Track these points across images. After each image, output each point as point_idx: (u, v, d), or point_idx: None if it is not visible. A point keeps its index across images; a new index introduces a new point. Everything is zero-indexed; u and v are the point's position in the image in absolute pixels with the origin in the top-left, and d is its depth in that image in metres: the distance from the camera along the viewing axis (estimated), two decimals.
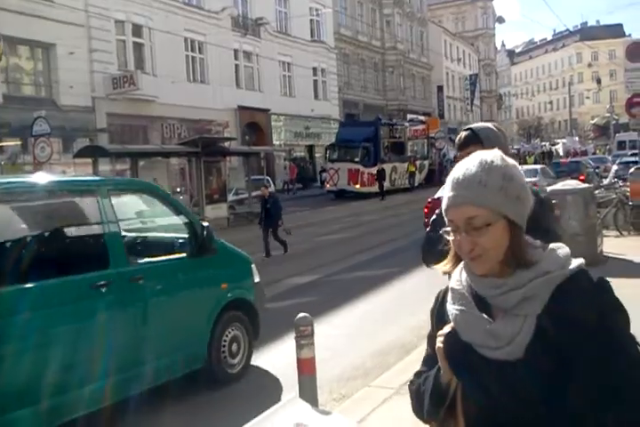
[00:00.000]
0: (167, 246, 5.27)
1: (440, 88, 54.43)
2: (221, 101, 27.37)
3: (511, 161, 1.32)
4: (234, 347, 5.38)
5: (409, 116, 42.67)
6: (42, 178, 4.57)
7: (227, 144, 20.89)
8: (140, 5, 23.65)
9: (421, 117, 43.05)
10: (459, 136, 2.47)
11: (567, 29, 70.65)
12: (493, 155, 1.30)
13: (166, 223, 5.55)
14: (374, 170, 26.35)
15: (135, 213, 5.63)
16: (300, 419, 1.48)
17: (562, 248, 1.31)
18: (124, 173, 17.88)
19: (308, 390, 3.68)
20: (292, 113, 32.75)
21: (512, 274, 1.27)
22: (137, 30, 24.02)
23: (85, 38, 21.97)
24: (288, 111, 32.38)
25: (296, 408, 1.53)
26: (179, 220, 5.23)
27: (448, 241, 1.32)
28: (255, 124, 30.33)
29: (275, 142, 31.71)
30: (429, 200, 13.60)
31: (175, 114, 24.79)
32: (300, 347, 3.73)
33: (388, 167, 27.78)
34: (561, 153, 42.95)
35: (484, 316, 1.28)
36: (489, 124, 2.53)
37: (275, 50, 31.98)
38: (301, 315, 3.84)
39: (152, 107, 23.54)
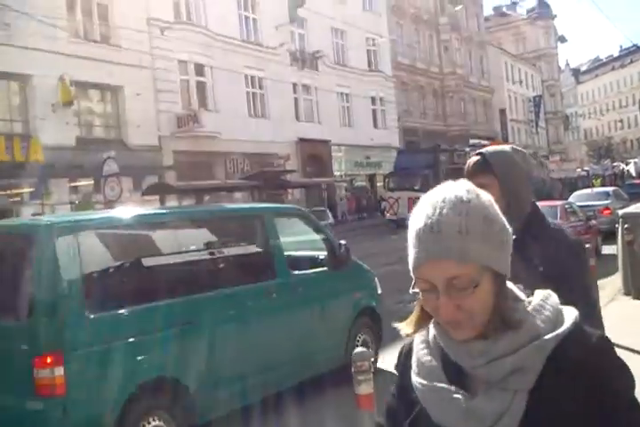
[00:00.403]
0: (313, 261, 6.28)
1: (503, 111, 53.77)
2: (282, 135, 27.91)
3: (484, 194, 1.08)
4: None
5: (471, 141, 42.21)
6: (227, 205, 6.85)
7: (288, 177, 21.27)
8: (202, 45, 24.58)
9: (484, 142, 42.56)
10: (468, 162, 2.13)
11: (634, 45, 68.75)
12: (463, 188, 1.06)
13: (311, 242, 6.56)
14: None
15: (289, 234, 6.45)
16: None
17: (549, 298, 1.11)
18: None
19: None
20: (351, 143, 33.03)
21: (497, 338, 1.05)
22: (199, 69, 24.92)
23: (151, 80, 22.97)
24: (348, 141, 32.68)
25: None
26: (321, 239, 6.35)
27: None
28: (316, 156, 30.71)
29: (336, 173, 31.97)
30: None
31: (238, 149, 25.43)
32: (357, 382, 3.70)
33: None
34: (633, 173, 41.43)
35: (461, 392, 1.05)
36: (505, 147, 2.13)
37: (332, 81, 32.48)
38: (358, 350, 3.82)
39: (215, 143, 24.24)
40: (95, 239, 4.61)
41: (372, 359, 3.45)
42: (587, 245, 7.97)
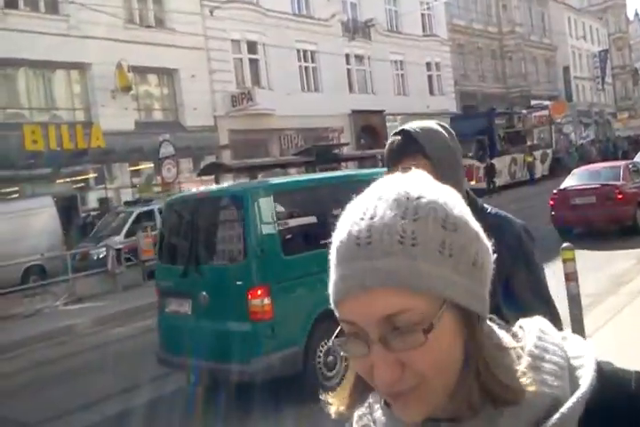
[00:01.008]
0: None
1: (566, 69, 51.62)
2: (335, 108, 27.95)
3: (445, 188, 0.74)
4: None
5: (533, 102, 40.99)
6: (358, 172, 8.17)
7: (342, 150, 21.41)
8: (253, 22, 24.77)
9: (546, 102, 41.22)
10: (388, 143, 1.78)
11: None
12: (413, 180, 0.73)
13: None
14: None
15: None
16: None
17: (545, 331, 0.75)
18: None
19: None
20: (407, 111, 32.68)
21: (477, 421, 0.69)
22: (252, 47, 25.15)
23: (205, 60, 23.40)
24: (403, 110, 32.33)
25: None
26: None
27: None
28: (370, 127, 30.61)
29: None
30: (555, 192, 13.24)
31: (292, 125, 25.69)
32: None
33: (506, 160, 26.73)
34: None
35: None
36: (431, 124, 1.78)
37: (386, 50, 32.09)
38: None
39: (270, 120, 24.58)
40: (285, 199, 5.88)
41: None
42: None
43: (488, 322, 0.74)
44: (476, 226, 0.73)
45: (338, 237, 0.71)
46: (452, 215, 0.70)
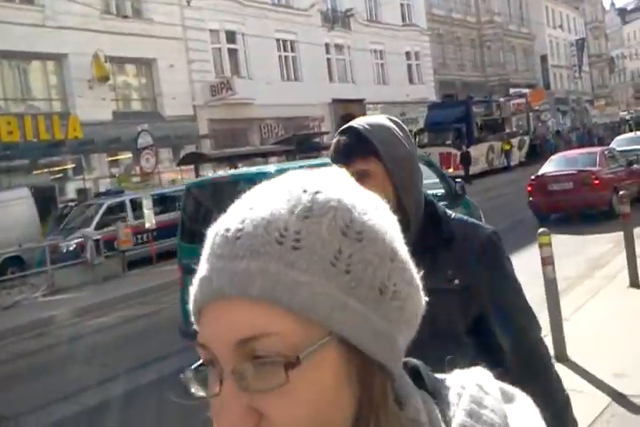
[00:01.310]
0: (434, 197, 7.40)
1: (544, 58, 51.98)
2: (315, 97, 27.88)
3: (370, 194, 0.57)
4: None
5: (511, 91, 41.24)
6: None
7: (323, 139, 21.40)
8: (232, 13, 24.58)
9: (525, 90, 41.49)
10: (333, 143, 1.53)
11: None
12: (330, 175, 0.58)
13: (431, 181, 7.85)
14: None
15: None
16: None
17: (484, 397, 0.55)
18: None
19: None
20: (387, 100, 32.72)
21: None
22: (231, 37, 24.96)
23: (183, 50, 23.20)
24: (383, 99, 32.36)
25: None
26: (439, 179, 7.90)
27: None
28: (350, 116, 30.29)
29: None
30: (532, 178, 13.38)
31: (272, 114, 25.61)
32: None
33: (483, 147, 26.80)
34: None
35: None
36: (382, 119, 1.52)
37: (366, 39, 32.05)
38: None
39: (250, 109, 24.47)
40: None
41: None
42: (623, 192, 8.26)
43: (404, 377, 0.56)
44: (399, 246, 0.55)
45: (212, 227, 0.56)
46: (360, 222, 0.52)
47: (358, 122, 1.51)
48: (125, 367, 7.07)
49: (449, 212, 1.61)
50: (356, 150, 1.44)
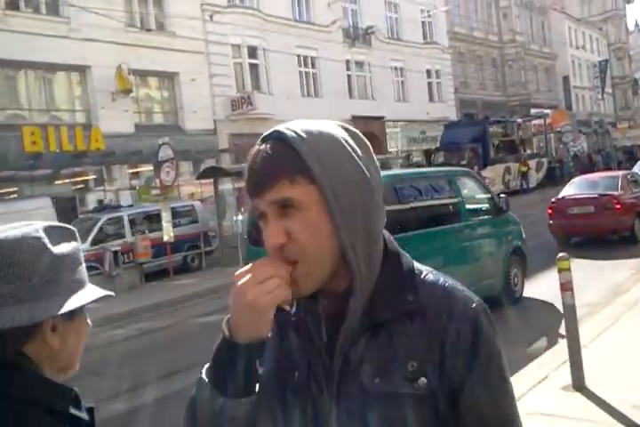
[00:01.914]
0: (480, 210, 8.29)
1: (566, 78, 51.86)
2: (335, 113, 27.86)
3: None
4: (516, 280, 8.35)
5: (532, 111, 41.12)
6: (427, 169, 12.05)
7: None
8: (254, 28, 24.85)
9: (546, 111, 41.34)
10: (250, 155, 1.06)
11: None
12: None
13: (477, 195, 8.50)
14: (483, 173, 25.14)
15: (466, 190, 8.39)
16: None
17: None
18: (244, 190, 18.93)
19: None
20: (407, 118, 32.78)
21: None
22: (252, 52, 25.21)
23: (205, 64, 23.45)
24: (403, 117, 32.44)
25: None
26: (484, 194, 8.50)
27: None
28: (370, 133, 30.60)
29: (391, 149, 31.86)
30: (553, 201, 13.27)
31: None
32: None
33: (499, 168, 26.27)
34: None
35: None
36: (324, 125, 1.06)
37: (387, 57, 32.22)
38: None
39: (269, 124, 23.83)
40: None
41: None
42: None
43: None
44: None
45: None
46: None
47: (288, 126, 1.05)
48: (139, 381, 7.07)
49: (421, 268, 1.11)
50: (279, 168, 0.99)
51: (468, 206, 7.94)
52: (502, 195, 8.79)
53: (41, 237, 1.05)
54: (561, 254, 5.31)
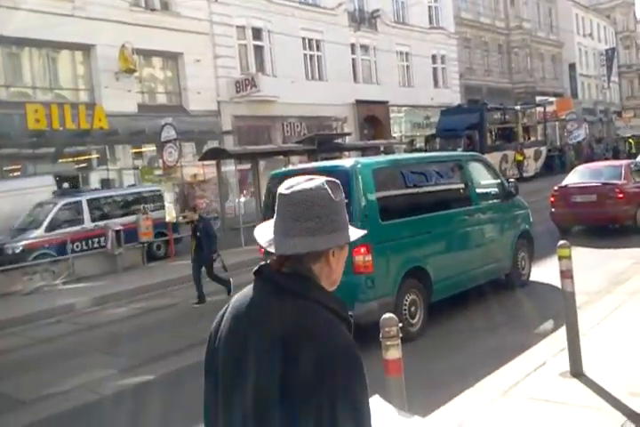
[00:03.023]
0: (489, 194, 8.42)
1: (572, 66, 51.47)
2: (339, 97, 27.87)
3: None
4: (523, 263, 8.54)
5: (538, 98, 40.89)
6: (438, 153, 12.22)
7: (344, 139, 21.39)
8: (259, 10, 24.65)
9: (552, 99, 41.14)
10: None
11: None
12: None
13: (487, 180, 8.56)
14: None
15: (475, 174, 8.43)
16: (380, 420, 1.58)
17: None
18: (247, 172, 18.96)
19: (396, 392, 3.61)
20: (411, 103, 32.63)
21: None
22: (257, 34, 25.03)
23: (210, 45, 23.30)
24: (407, 102, 32.29)
25: (379, 410, 1.74)
26: (494, 178, 8.61)
27: None
28: (374, 118, 30.56)
29: (395, 134, 31.77)
30: (556, 188, 13.26)
31: (295, 112, 25.65)
32: (385, 348, 3.59)
33: (497, 156, 25.61)
34: None
35: None
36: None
37: (392, 41, 31.98)
38: (387, 315, 3.68)
39: (273, 107, 24.53)
40: (382, 174, 6.89)
41: (400, 325, 3.81)
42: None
43: None
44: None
45: None
46: None
47: None
48: (141, 359, 7.16)
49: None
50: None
51: (477, 190, 8.05)
52: (512, 179, 9.05)
53: (326, 188, 1.46)
54: (561, 242, 5.32)
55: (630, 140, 36.17)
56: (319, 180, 1.47)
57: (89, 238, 13.60)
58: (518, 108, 31.15)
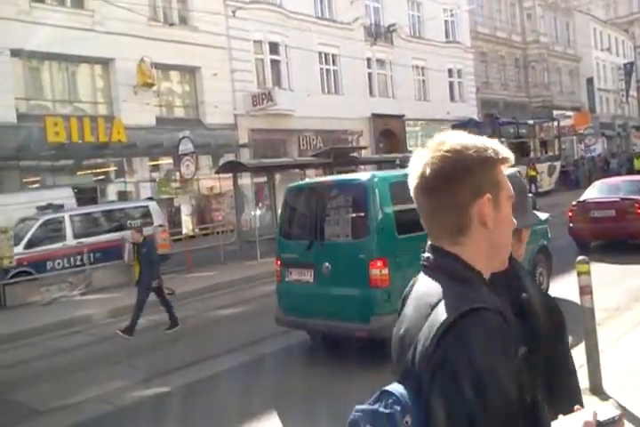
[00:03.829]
0: None
1: (590, 80, 51.26)
2: (355, 111, 27.98)
3: None
4: (541, 279, 8.34)
5: (555, 113, 40.74)
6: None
7: (360, 153, 21.42)
8: (277, 24, 24.88)
9: (569, 113, 40.97)
10: None
11: None
12: None
13: None
14: None
15: None
16: None
17: None
18: (263, 185, 19.04)
19: None
20: (427, 117, 32.65)
21: None
22: (274, 48, 25.25)
23: (227, 60, 23.54)
24: (423, 116, 32.33)
25: None
26: None
27: None
28: (389, 132, 30.61)
29: (410, 148, 31.73)
30: (574, 203, 13.15)
31: (311, 126, 25.77)
32: None
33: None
34: None
35: None
36: None
37: (408, 55, 32.10)
38: None
39: (289, 120, 24.67)
40: (399, 187, 6.86)
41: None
42: None
43: None
44: None
45: None
46: None
47: None
48: (155, 371, 7.16)
49: None
50: None
51: None
52: (530, 194, 8.84)
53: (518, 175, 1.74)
54: (580, 258, 5.28)
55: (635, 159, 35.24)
56: (514, 169, 1.67)
57: (70, 256, 13.01)
58: (531, 122, 30.86)
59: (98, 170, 20.06)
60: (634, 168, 31.83)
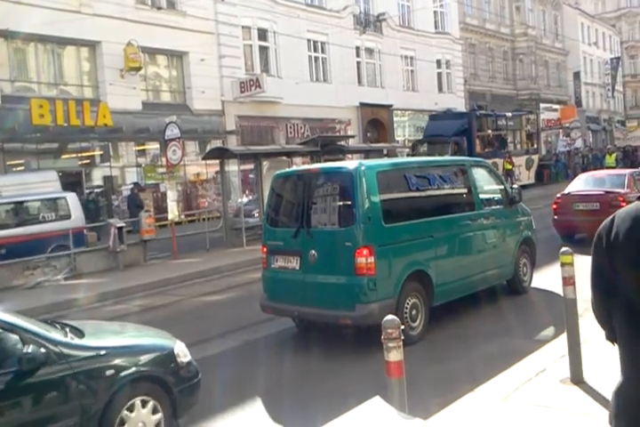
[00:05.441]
0: (493, 200, 8.44)
1: (577, 74, 51.54)
2: (343, 99, 27.92)
3: None
4: (525, 269, 8.59)
5: (542, 106, 40.97)
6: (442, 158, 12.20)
7: (348, 142, 21.37)
8: (265, 10, 24.70)
9: (556, 106, 41.20)
10: None
11: None
12: None
13: (491, 186, 8.59)
14: None
15: (479, 179, 8.40)
16: (379, 422, 1.59)
17: None
18: (249, 171, 18.98)
19: (397, 393, 3.60)
20: (415, 108, 32.68)
21: None
22: (262, 34, 25.09)
23: (215, 45, 23.38)
24: (411, 106, 32.35)
25: (379, 412, 1.73)
26: (498, 184, 8.68)
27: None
28: (377, 121, 30.61)
29: (398, 138, 31.80)
30: (558, 196, 13.25)
31: (299, 114, 25.69)
32: (387, 350, 3.63)
33: None
34: None
35: None
36: None
37: (397, 45, 32.05)
38: (389, 317, 3.74)
39: (277, 108, 24.57)
40: (386, 177, 6.83)
41: (402, 327, 3.78)
42: None
43: None
44: None
45: None
46: None
47: None
48: None
49: None
50: None
51: (481, 196, 8.03)
52: (515, 186, 8.94)
53: None
54: (564, 249, 5.33)
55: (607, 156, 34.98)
56: None
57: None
58: (509, 115, 30.28)
59: (83, 154, 19.88)
60: (603, 165, 31.76)
